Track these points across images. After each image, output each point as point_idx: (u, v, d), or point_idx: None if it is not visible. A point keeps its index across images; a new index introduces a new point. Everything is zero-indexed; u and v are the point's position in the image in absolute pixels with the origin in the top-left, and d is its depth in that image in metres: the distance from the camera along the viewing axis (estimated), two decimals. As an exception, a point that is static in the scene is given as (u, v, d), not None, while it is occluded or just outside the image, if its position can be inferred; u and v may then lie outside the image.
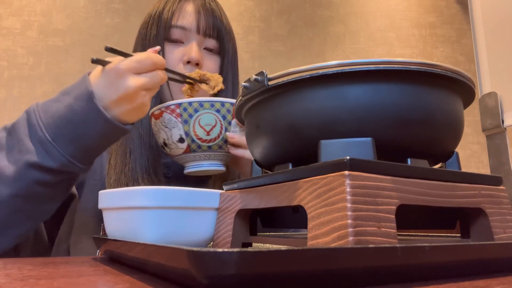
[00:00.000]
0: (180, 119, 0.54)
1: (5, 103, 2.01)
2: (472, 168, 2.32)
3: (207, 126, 0.53)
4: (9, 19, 2.09)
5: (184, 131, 0.54)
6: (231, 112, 0.54)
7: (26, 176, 0.48)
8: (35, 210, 0.52)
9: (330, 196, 0.27)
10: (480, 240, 0.33)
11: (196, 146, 0.54)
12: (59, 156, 0.48)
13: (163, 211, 0.38)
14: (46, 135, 0.48)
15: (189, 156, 0.56)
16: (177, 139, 0.55)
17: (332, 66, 0.33)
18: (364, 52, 2.37)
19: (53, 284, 0.25)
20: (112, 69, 0.49)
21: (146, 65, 0.50)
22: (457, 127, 0.36)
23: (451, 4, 2.55)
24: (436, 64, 0.33)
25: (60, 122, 0.48)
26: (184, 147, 0.55)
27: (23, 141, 0.48)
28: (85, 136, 0.49)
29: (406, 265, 0.24)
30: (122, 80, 0.48)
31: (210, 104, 0.53)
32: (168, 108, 0.55)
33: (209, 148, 0.55)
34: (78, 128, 0.48)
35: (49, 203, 0.53)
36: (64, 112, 0.48)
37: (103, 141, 0.51)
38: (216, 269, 0.19)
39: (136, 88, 0.48)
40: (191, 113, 0.53)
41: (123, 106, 0.49)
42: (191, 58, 0.69)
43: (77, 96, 0.48)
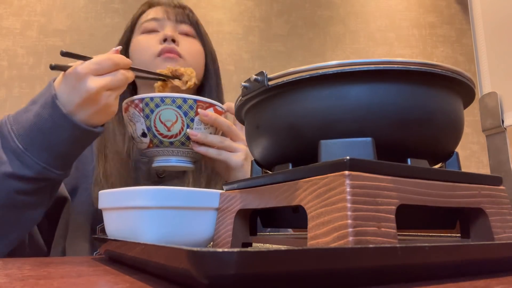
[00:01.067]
0: (142, 114, 0.54)
1: (5, 103, 2.01)
2: (472, 168, 2.32)
3: (168, 122, 0.53)
4: (9, 19, 2.09)
5: (146, 125, 0.53)
6: (194, 109, 0.53)
7: (4, 187, 0.48)
8: (19, 218, 0.52)
9: (330, 196, 0.27)
10: (480, 240, 0.33)
11: (158, 141, 0.54)
12: (34, 164, 0.48)
13: (163, 211, 0.38)
14: (18, 145, 0.48)
15: (153, 150, 0.56)
16: (140, 133, 0.55)
17: (332, 66, 0.33)
18: (364, 52, 2.37)
19: (53, 284, 0.25)
20: (72, 73, 0.49)
21: (106, 65, 0.49)
22: (457, 127, 0.36)
23: (451, 4, 2.55)
24: (436, 64, 0.33)
25: (30, 131, 0.48)
26: (147, 142, 0.55)
27: None
28: (56, 143, 0.49)
29: (406, 265, 0.24)
30: (82, 83, 0.48)
31: (171, 99, 0.53)
32: (133, 103, 0.55)
33: (171, 144, 0.54)
34: (49, 135, 0.48)
35: (33, 210, 0.53)
36: (34, 121, 0.49)
37: (75, 146, 0.51)
38: (216, 269, 0.19)
39: (98, 89, 0.48)
40: (152, 108, 0.53)
41: (88, 109, 0.49)
42: (166, 35, 0.69)
43: (43, 104, 0.49)
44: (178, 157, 0.56)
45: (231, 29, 2.29)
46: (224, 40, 2.25)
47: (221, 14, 2.28)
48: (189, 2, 0.87)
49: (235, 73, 2.21)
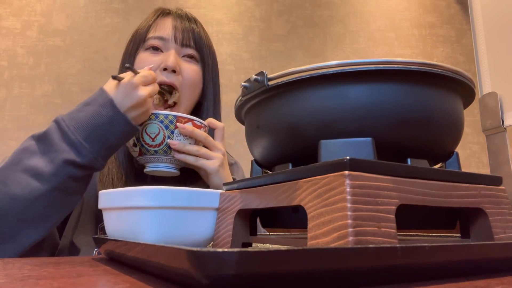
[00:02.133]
0: None
1: (5, 103, 2.01)
2: (472, 168, 2.32)
3: (152, 133, 0.64)
4: (9, 19, 2.09)
5: (135, 137, 0.65)
6: (173, 123, 0.64)
7: (62, 172, 0.57)
8: (67, 202, 0.60)
9: (330, 196, 0.27)
10: (480, 240, 0.33)
11: (145, 150, 0.65)
12: (88, 154, 0.58)
13: (163, 211, 0.38)
14: (78, 137, 0.58)
15: (143, 158, 0.66)
16: (132, 143, 0.66)
17: (332, 66, 0.33)
18: (364, 52, 2.37)
19: (53, 284, 0.25)
20: (128, 83, 0.61)
21: (150, 78, 0.63)
22: (457, 127, 0.36)
23: (451, 4, 2.55)
24: (436, 64, 0.33)
25: (88, 126, 0.59)
26: (138, 150, 0.66)
27: (57, 144, 0.58)
28: (109, 136, 0.59)
29: (406, 265, 0.24)
30: (136, 91, 0.60)
31: (155, 116, 0.64)
32: None
33: (155, 152, 0.65)
34: (104, 130, 0.59)
35: (76, 195, 0.61)
36: (91, 118, 0.59)
37: (122, 140, 0.61)
38: (216, 269, 0.19)
39: (146, 96, 0.61)
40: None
41: (136, 111, 0.61)
42: (167, 66, 0.73)
43: (101, 105, 0.60)
44: (164, 163, 0.67)
45: (231, 29, 2.29)
46: (224, 40, 2.25)
47: (221, 14, 2.28)
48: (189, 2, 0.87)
49: (235, 73, 2.21)
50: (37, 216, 0.57)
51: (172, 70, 0.73)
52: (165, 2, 2.17)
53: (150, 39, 0.75)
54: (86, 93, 2.00)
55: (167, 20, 0.77)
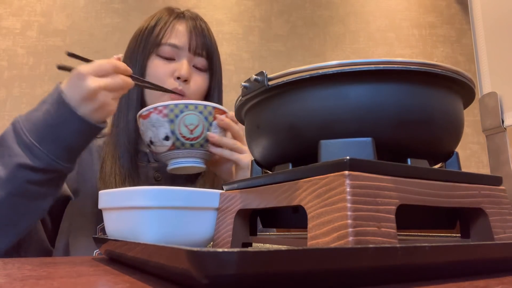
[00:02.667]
0: (167, 119, 0.59)
1: (5, 103, 2.01)
2: (472, 168, 2.32)
3: (191, 125, 0.59)
4: (9, 19, 2.09)
5: (170, 129, 0.59)
6: (212, 114, 0.61)
7: (17, 177, 0.54)
8: (29, 207, 0.57)
9: (330, 196, 0.27)
10: (480, 240, 0.33)
11: (180, 143, 0.60)
12: (44, 156, 0.54)
13: (163, 211, 0.38)
14: (30, 139, 0.54)
15: (173, 153, 0.61)
16: (163, 137, 0.60)
17: (332, 66, 0.33)
18: (364, 52, 2.37)
19: (53, 284, 0.25)
20: (75, 73, 0.55)
21: (106, 68, 0.56)
22: (457, 127, 0.36)
23: (451, 4, 2.55)
24: (436, 64, 0.33)
25: (40, 126, 0.55)
26: (169, 145, 0.60)
27: (11, 147, 0.54)
28: (63, 136, 0.55)
29: (406, 265, 0.24)
30: (83, 82, 0.54)
31: (194, 106, 0.59)
32: (156, 109, 0.61)
33: (191, 146, 0.60)
34: (57, 129, 0.54)
35: (43, 200, 0.58)
36: (43, 118, 0.55)
37: (81, 139, 0.57)
38: (216, 269, 0.19)
39: (96, 87, 0.54)
40: (177, 113, 0.59)
41: (87, 106, 0.55)
42: (181, 75, 0.74)
43: (52, 102, 0.55)
44: (195, 158, 0.62)
45: (231, 29, 2.29)
46: (224, 40, 2.25)
47: (221, 14, 2.28)
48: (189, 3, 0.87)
49: (235, 73, 2.21)
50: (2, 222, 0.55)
51: (185, 80, 0.74)
52: (165, 2, 2.17)
53: (164, 45, 0.75)
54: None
55: (181, 25, 0.77)
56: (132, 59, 0.76)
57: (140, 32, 0.78)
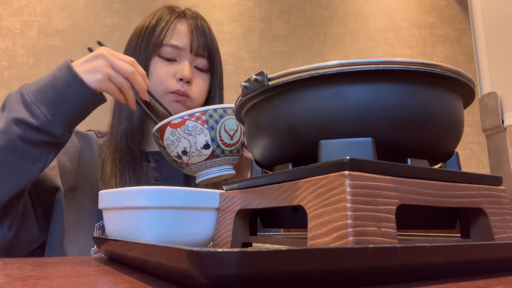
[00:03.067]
0: (206, 126, 0.56)
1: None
2: (472, 168, 2.32)
3: (231, 131, 0.56)
4: (9, 19, 2.09)
5: (210, 137, 0.55)
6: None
7: (12, 131, 0.55)
8: (19, 167, 0.57)
9: (330, 196, 0.27)
10: (480, 240, 0.33)
11: (220, 151, 0.56)
12: (41, 115, 0.56)
13: (163, 211, 0.38)
14: (31, 97, 0.57)
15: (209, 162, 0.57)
16: (202, 145, 0.56)
17: (332, 66, 0.33)
18: (364, 52, 2.37)
19: (53, 284, 0.25)
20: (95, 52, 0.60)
21: (124, 56, 0.60)
22: (457, 127, 0.36)
23: (451, 4, 2.55)
24: (436, 64, 0.33)
25: (43, 87, 0.57)
26: (208, 154, 0.56)
27: (12, 105, 0.57)
28: (65, 99, 0.57)
29: (406, 265, 0.24)
30: (97, 57, 0.59)
31: (232, 110, 0.56)
32: (193, 116, 0.57)
33: (230, 153, 0.57)
34: (58, 91, 0.57)
35: (33, 164, 0.58)
36: (48, 80, 0.58)
37: (80, 105, 0.58)
38: (216, 269, 0.19)
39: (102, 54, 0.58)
40: (217, 119, 0.56)
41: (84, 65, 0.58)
42: (184, 76, 0.74)
43: (59, 67, 0.59)
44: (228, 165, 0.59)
45: (231, 29, 2.29)
46: (224, 40, 2.25)
47: (221, 14, 2.28)
48: (189, 2, 0.87)
49: (235, 73, 2.21)
50: None
51: (187, 81, 0.75)
52: (165, 2, 2.17)
53: (165, 46, 0.75)
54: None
55: (183, 25, 0.77)
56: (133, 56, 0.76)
57: (141, 31, 0.77)
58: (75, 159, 0.74)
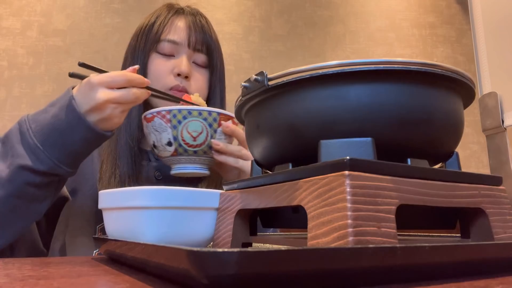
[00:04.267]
0: (169, 124, 0.58)
1: (5, 103, 2.01)
2: (472, 168, 2.32)
3: (194, 132, 0.58)
4: (9, 19, 2.09)
5: (172, 135, 0.58)
6: (217, 121, 0.59)
7: (18, 178, 0.53)
8: (27, 209, 0.56)
9: (330, 196, 0.27)
10: (480, 240, 0.33)
11: (182, 150, 0.59)
12: (47, 160, 0.54)
13: (163, 211, 0.38)
14: (35, 141, 0.54)
15: (176, 158, 0.60)
16: (165, 142, 0.59)
17: (332, 66, 0.33)
18: (364, 52, 2.37)
19: (53, 284, 0.25)
20: (86, 82, 0.55)
21: (119, 81, 0.54)
22: (457, 127, 0.36)
23: (451, 4, 2.55)
24: (436, 64, 0.33)
25: (47, 130, 0.54)
26: (172, 150, 0.59)
27: (15, 148, 0.54)
28: (69, 142, 0.54)
29: (406, 265, 0.24)
30: (93, 92, 0.53)
31: (198, 112, 0.58)
32: (160, 113, 0.60)
33: (194, 153, 0.59)
34: (63, 134, 0.54)
35: (40, 203, 0.57)
36: (51, 121, 0.54)
37: (86, 146, 0.56)
38: (216, 269, 0.19)
39: (105, 100, 0.53)
40: (180, 119, 0.58)
41: (94, 116, 0.54)
42: (181, 71, 0.73)
43: (61, 107, 0.55)
44: (199, 164, 0.61)
45: (231, 29, 2.29)
46: (224, 40, 2.25)
47: (221, 14, 2.28)
48: (189, 2, 0.87)
49: (235, 73, 2.21)
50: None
51: (185, 76, 0.74)
52: (165, 2, 2.17)
53: (163, 41, 0.75)
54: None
55: (181, 20, 0.77)
56: (133, 58, 0.76)
57: (140, 30, 0.77)
58: None
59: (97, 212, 0.70)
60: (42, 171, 0.54)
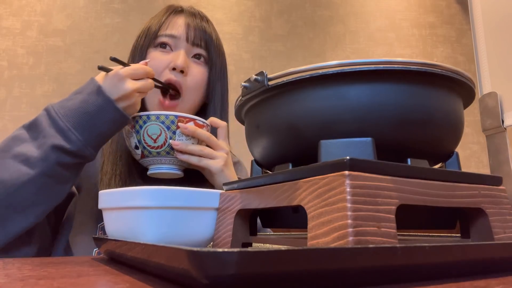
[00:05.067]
0: (133, 130, 0.65)
1: (5, 103, 2.01)
2: (472, 168, 2.32)
3: (154, 135, 0.63)
4: (9, 19, 2.09)
5: (137, 139, 0.64)
6: (175, 123, 0.63)
7: (50, 157, 0.57)
8: (56, 189, 0.60)
9: (330, 196, 0.27)
10: (480, 240, 0.33)
11: (147, 152, 0.64)
12: (77, 141, 0.58)
13: (163, 211, 0.38)
14: (66, 124, 0.58)
15: (146, 160, 0.65)
16: (134, 146, 0.65)
17: (332, 66, 0.33)
18: (364, 52, 2.37)
19: (53, 284, 0.25)
20: (115, 74, 0.61)
21: (140, 73, 0.62)
22: (457, 127, 0.36)
23: (451, 4, 2.55)
24: (436, 64, 0.33)
25: (76, 113, 0.59)
26: (140, 153, 0.65)
27: (46, 130, 0.58)
28: (98, 123, 0.59)
29: (406, 265, 0.24)
30: (122, 83, 0.60)
31: (155, 116, 0.63)
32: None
33: (158, 154, 0.64)
34: (94, 117, 0.59)
35: (64, 185, 0.61)
36: (80, 105, 0.59)
37: (112, 128, 0.61)
38: (216, 269, 0.19)
39: (133, 90, 0.61)
40: (141, 124, 0.64)
41: (121, 103, 0.61)
42: (177, 65, 0.73)
43: (90, 93, 0.60)
44: (168, 165, 0.66)
45: (231, 29, 2.29)
46: (224, 40, 2.24)
47: (221, 14, 2.28)
48: (189, 2, 0.87)
49: (235, 73, 2.21)
50: (25, 203, 0.56)
51: (180, 70, 0.73)
52: (165, 2, 2.17)
53: (161, 36, 0.75)
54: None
55: (180, 18, 0.77)
56: (133, 56, 0.76)
57: (141, 32, 0.78)
58: None
59: (98, 210, 0.70)
60: (73, 151, 0.58)
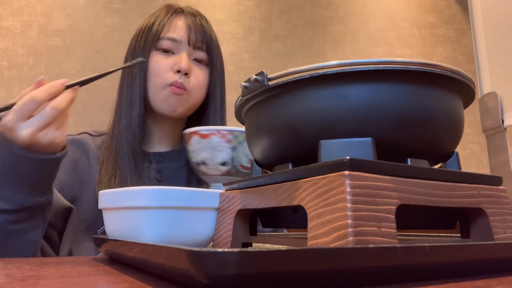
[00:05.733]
0: (229, 145, 0.57)
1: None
2: (472, 168, 2.32)
3: (249, 155, 0.56)
4: (9, 19, 2.09)
5: (231, 156, 0.57)
6: None
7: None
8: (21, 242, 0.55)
9: (330, 196, 0.27)
10: (480, 240, 0.33)
11: (235, 171, 0.58)
12: (13, 198, 0.52)
13: (163, 211, 0.38)
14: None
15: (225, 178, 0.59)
16: (219, 162, 0.58)
17: (332, 66, 0.33)
18: (364, 52, 2.37)
19: (53, 284, 0.25)
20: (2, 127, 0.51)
21: (30, 108, 0.50)
22: (457, 127, 0.36)
23: (451, 4, 2.55)
24: (436, 64, 0.33)
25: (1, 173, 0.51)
26: (224, 170, 0.58)
27: None
28: (23, 176, 0.52)
29: (406, 265, 0.24)
30: (15, 134, 0.50)
31: None
32: (220, 132, 0.58)
33: (245, 175, 0.58)
34: (14, 172, 0.51)
35: (31, 233, 0.56)
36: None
37: (41, 174, 0.53)
38: (216, 269, 0.19)
39: (30, 136, 0.49)
40: (241, 141, 0.57)
41: (34, 148, 0.51)
42: (181, 68, 0.73)
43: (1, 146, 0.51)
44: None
45: (231, 29, 2.29)
46: (224, 40, 2.25)
47: (221, 14, 2.28)
48: (189, 2, 0.87)
49: (235, 73, 2.21)
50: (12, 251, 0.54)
51: (185, 73, 0.74)
52: (165, 2, 2.17)
53: (163, 39, 0.75)
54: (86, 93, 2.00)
55: (180, 19, 0.77)
56: (133, 57, 0.76)
57: (140, 31, 0.78)
58: (70, 169, 0.72)
59: (97, 216, 0.69)
60: (14, 209, 0.52)
